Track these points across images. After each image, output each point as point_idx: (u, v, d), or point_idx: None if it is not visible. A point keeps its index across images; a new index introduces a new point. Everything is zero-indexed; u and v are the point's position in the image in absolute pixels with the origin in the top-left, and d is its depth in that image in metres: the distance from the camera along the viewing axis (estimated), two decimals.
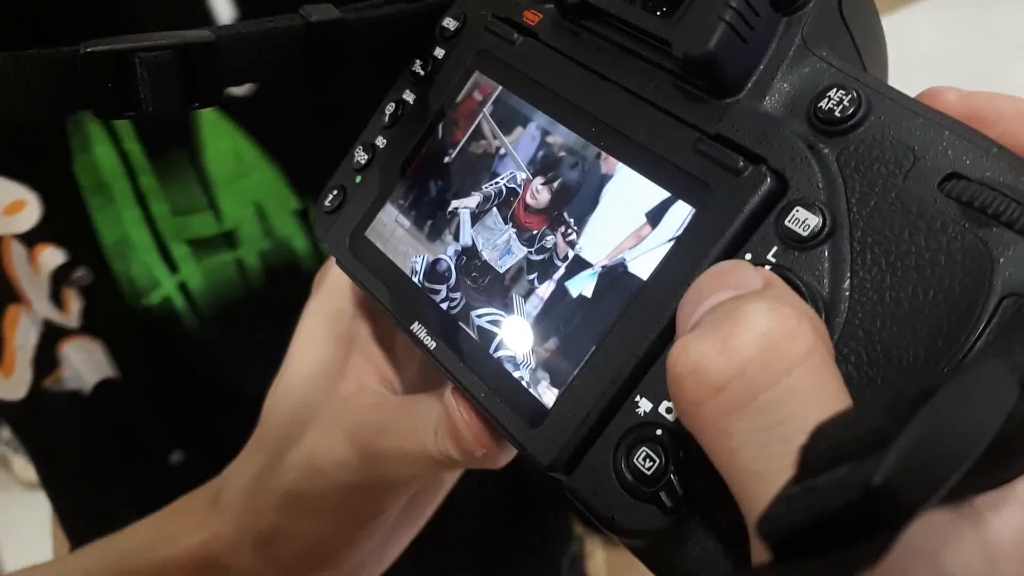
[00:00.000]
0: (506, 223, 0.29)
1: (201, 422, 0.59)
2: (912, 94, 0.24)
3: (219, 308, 0.55)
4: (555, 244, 0.28)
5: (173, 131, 0.50)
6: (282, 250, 0.55)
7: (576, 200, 0.28)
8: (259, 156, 0.52)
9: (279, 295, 0.55)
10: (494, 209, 0.30)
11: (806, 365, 0.17)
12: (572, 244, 0.27)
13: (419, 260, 0.31)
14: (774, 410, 0.17)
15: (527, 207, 0.29)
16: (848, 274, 0.22)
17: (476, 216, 0.30)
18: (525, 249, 0.28)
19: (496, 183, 0.30)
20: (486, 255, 0.29)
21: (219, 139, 0.51)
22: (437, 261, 0.30)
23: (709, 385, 0.18)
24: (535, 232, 0.28)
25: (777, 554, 0.13)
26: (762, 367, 0.17)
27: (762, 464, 0.17)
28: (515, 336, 0.28)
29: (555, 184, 0.28)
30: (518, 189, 0.29)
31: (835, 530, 0.12)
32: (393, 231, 0.32)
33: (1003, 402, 0.13)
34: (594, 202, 0.27)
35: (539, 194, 0.29)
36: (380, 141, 0.34)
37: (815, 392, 0.17)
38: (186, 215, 0.52)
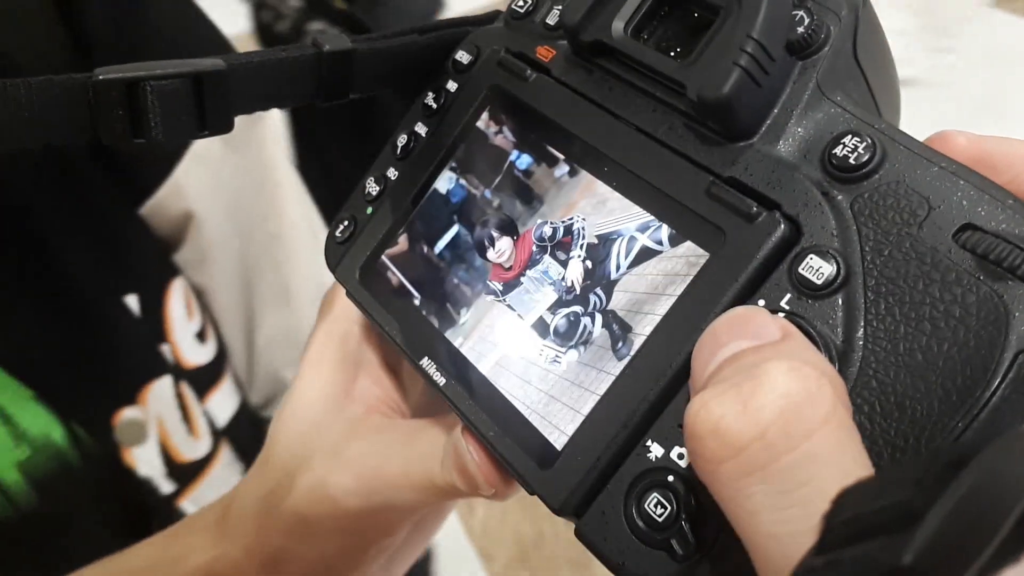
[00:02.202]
0: (518, 259, 0.29)
1: None
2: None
3: None
4: (568, 282, 0.27)
5: None
6: (44, 453, 0.48)
7: (588, 239, 0.27)
8: None
9: (56, 509, 0.49)
10: (506, 242, 0.29)
11: (826, 428, 0.17)
12: (585, 284, 0.27)
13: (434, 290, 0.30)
14: (794, 474, 0.17)
15: (539, 242, 0.29)
16: (862, 323, 0.22)
17: (486, 248, 0.30)
18: (538, 286, 0.28)
19: (509, 216, 0.30)
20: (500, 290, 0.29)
21: None
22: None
23: (729, 446, 0.18)
24: (547, 269, 0.28)
25: None
26: (783, 430, 0.17)
27: (780, 527, 0.17)
28: (526, 375, 0.27)
29: (567, 222, 0.28)
30: (531, 224, 0.29)
31: None
32: (404, 263, 0.32)
33: None
34: (607, 242, 0.27)
35: (550, 231, 0.28)
36: (392, 173, 0.34)
37: (835, 456, 0.17)
38: None
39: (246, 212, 0.62)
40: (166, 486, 0.54)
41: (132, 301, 0.55)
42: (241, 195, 0.61)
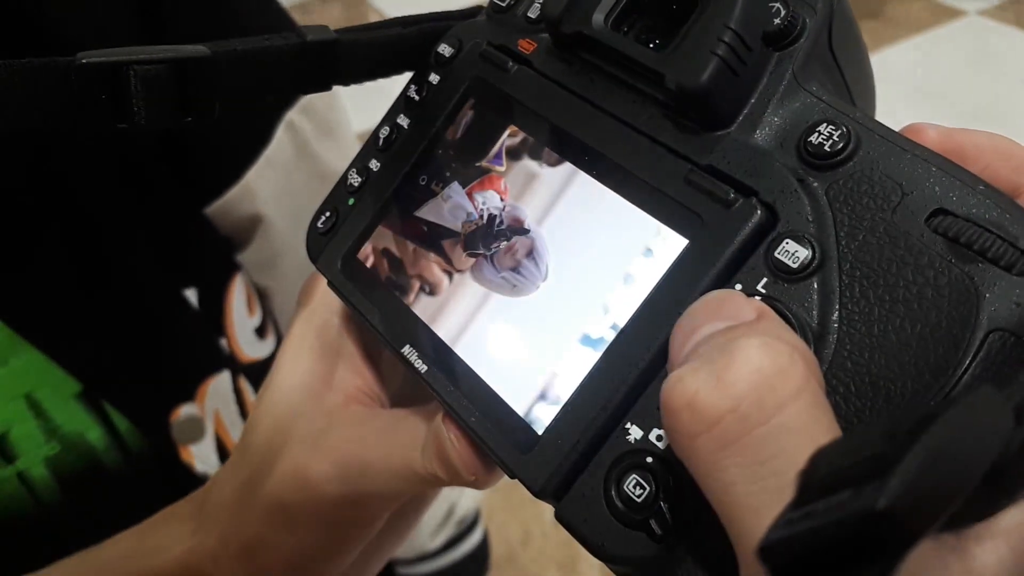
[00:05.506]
0: (498, 247, 0.29)
1: None
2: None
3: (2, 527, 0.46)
4: (547, 271, 0.28)
5: None
6: (75, 451, 0.47)
7: (569, 227, 0.28)
8: (13, 338, 0.45)
9: (81, 508, 0.48)
10: (487, 233, 0.30)
11: (798, 401, 0.18)
12: (565, 272, 0.27)
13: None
14: (767, 445, 0.17)
15: (520, 232, 0.29)
16: (837, 306, 0.22)
17: (469, 240, 0.30)
18: (516, 275, 0.28)
19: (488, 207, 0.30)
20: (480, 279, 0.29)
21: None
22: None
23: (704, 419, 0.18)
24: (525, 258, 0.28)
25: None
26: (756, 403, 0.18)
27: (755, 498, 0.17)
28: (507, 361, 0.28)
29: (548, 210, 0.28)
30: (512, 214, 0.29)
31: (836, 555, 0.13)
32: (385, 252, 0.32)
33: (1000, 430, 0.13)
34: (587, 230, 0.27)
35: (531, 220, 0.29)
36: (374, 164, 0.34)
37: (807, 427, 0.18)
38: None
39: None
40: None
41: (191, 295, 0.55)
42: (311, 202, 0.60)
